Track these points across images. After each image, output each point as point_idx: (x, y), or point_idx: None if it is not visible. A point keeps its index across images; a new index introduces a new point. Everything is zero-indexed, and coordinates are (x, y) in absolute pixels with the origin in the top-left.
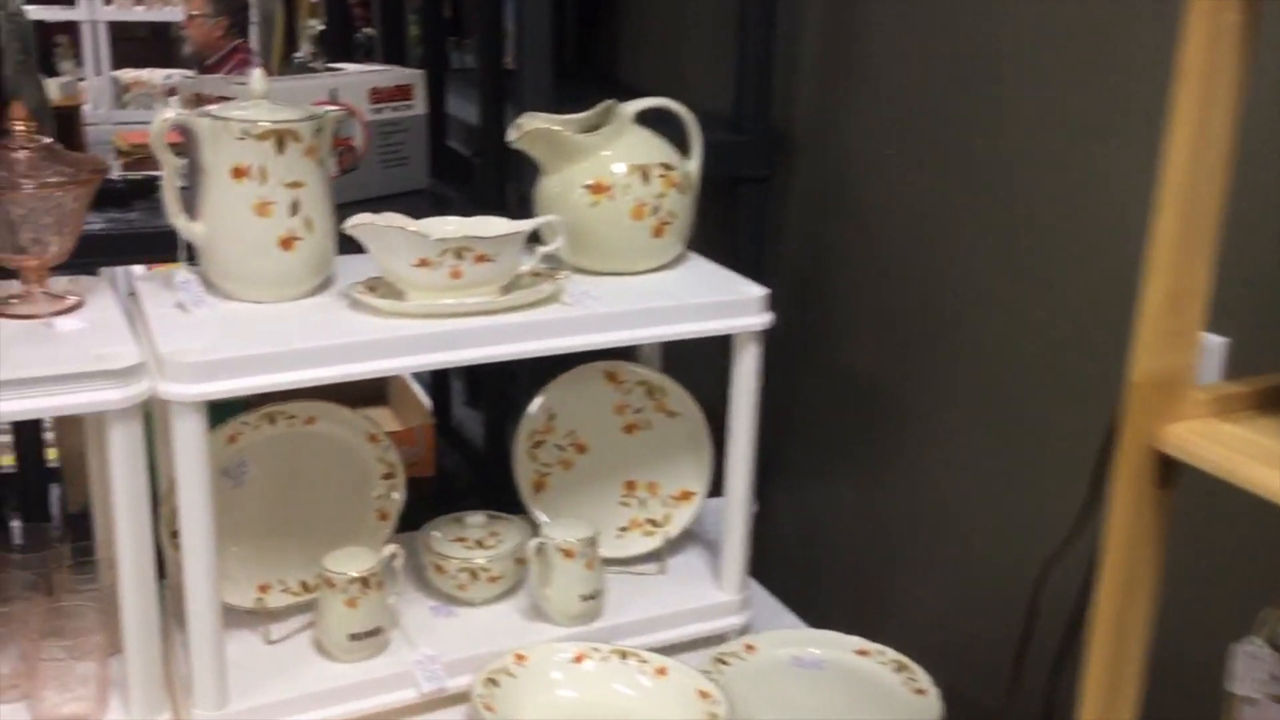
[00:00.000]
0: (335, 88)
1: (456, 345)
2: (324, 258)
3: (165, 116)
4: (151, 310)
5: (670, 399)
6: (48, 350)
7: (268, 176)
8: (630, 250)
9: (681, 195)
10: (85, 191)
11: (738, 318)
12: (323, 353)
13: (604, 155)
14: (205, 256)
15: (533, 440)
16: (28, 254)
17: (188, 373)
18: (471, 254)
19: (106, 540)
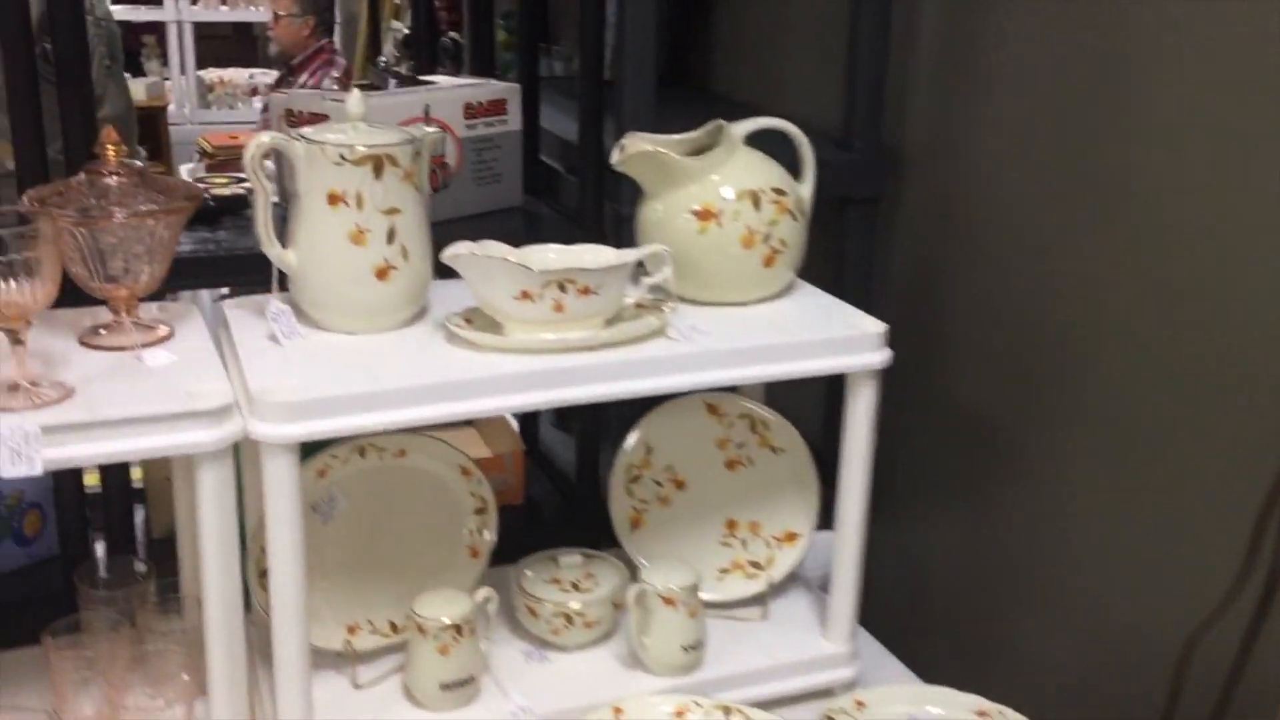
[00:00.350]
0: (429, 104)
1: (559, 384)
2: (420, 287)
3: (260, 140)
4: (243, 342)
5: (775, 434)
6: (137, 387)
7: (364, 203)
8: (739, 280)
9: (794, 222)
10: (178, 219)
11: (854, 355)
12: (420, 392)
13: (712, 179)
14: (297, 285)
15: (629, 475)
16: (118, 283)
17: (280, 412)
18: (575, 286)
19: (192, 577)
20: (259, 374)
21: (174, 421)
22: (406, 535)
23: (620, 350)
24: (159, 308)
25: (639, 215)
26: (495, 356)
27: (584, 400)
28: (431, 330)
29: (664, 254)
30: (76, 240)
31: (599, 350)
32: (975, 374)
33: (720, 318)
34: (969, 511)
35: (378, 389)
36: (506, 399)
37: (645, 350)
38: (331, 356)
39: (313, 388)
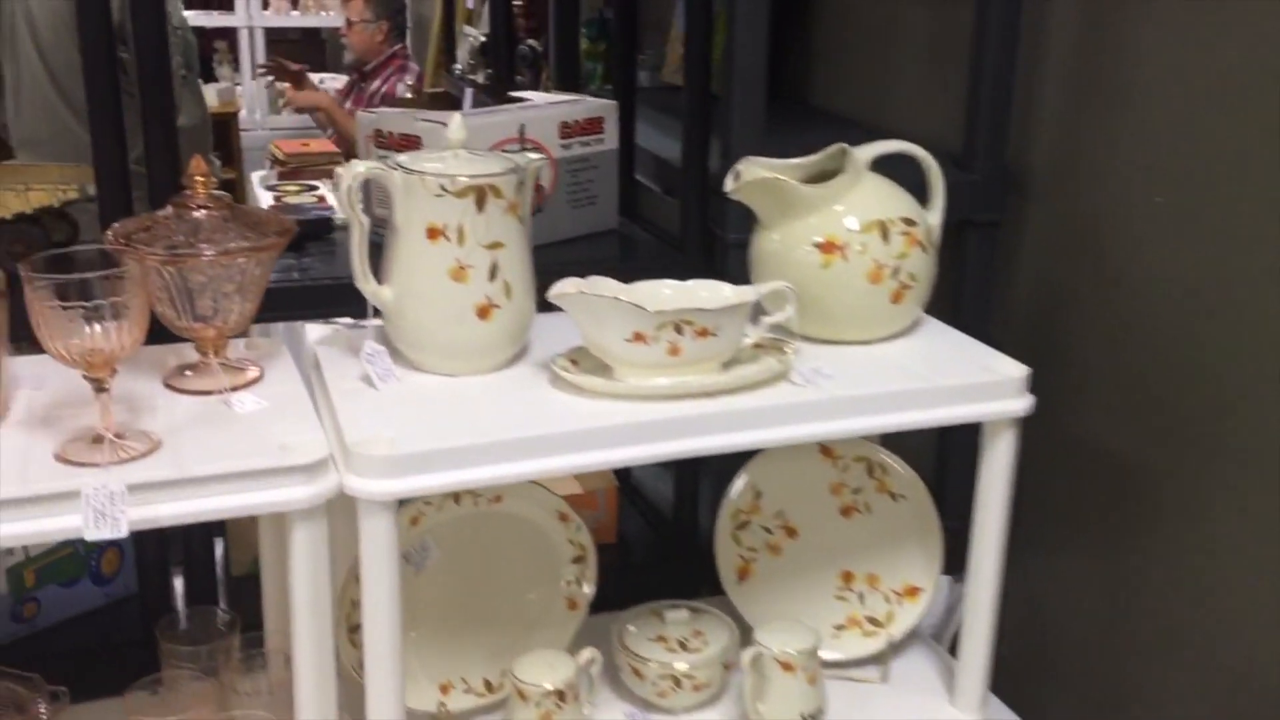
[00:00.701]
0: (524, 123)
1: (675, 434)
2: (523, 326)
3: (355, 169)
4: (335, 384)
5: (894, 479)
6: (226, 437)
7: (465, 237)
8: (864, 318)
9: (924, 255)
10: (270, 256)
11: (993, 401)
12: (527, 445)
13: (836, 209)
14: (393, 324)
15: (736, 521)
16: (206, 323)
17: (378, 468)
18: (693, 328)
19: (277, 628)
20: (354, 422)
21: (266, 477)
22: (501, 586)
23: (740, 397)
24: (246, 344)
25: (754, 246)
26: (605, 404)
27: (702, 453)
28: (534, 371)
29: (787, 292)
30: (164, 279)
31: (717, 397)
32: (1107, 411)
33: (844, 359)
34: (1101, 560)
35: (481, 441)
36: (618, 452)
37: (767, 397)
38: (429, 402)
39: (412, 440)
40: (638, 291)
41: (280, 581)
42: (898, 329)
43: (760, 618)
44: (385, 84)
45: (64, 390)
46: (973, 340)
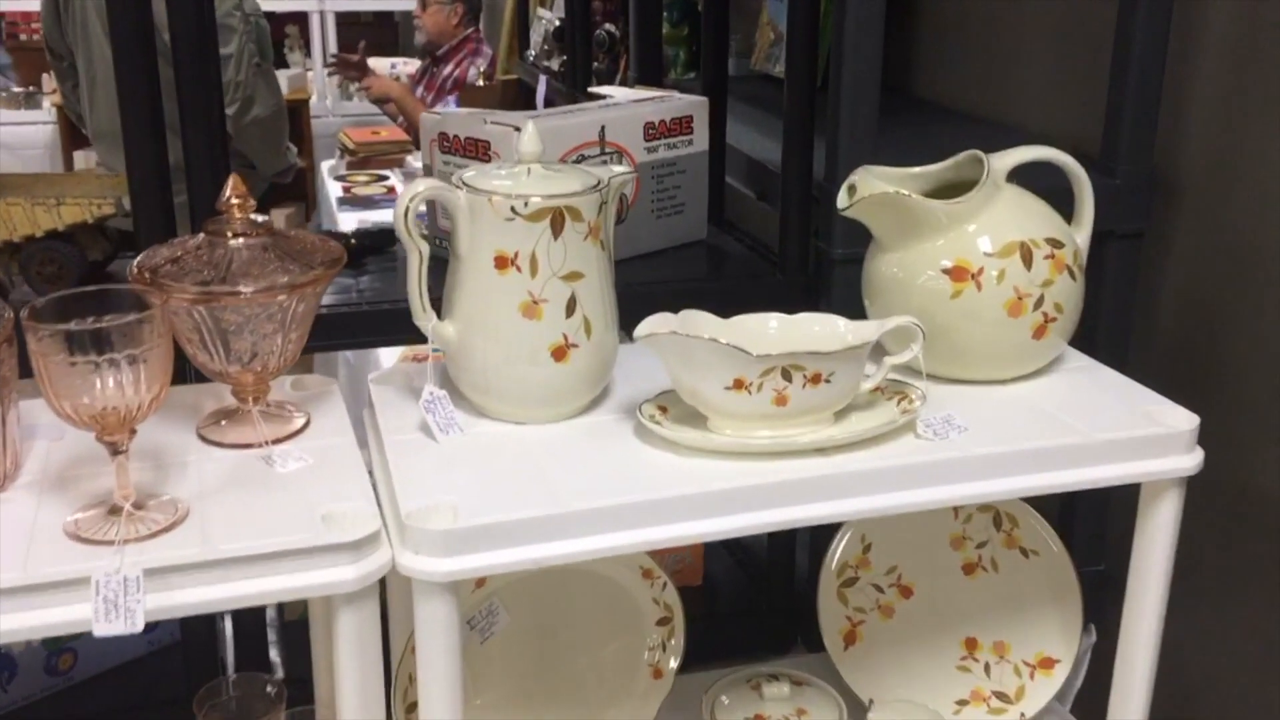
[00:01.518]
0: (604, 124)
1: (782, 500)
2: (604, 367)
3: (415, 189)
4: (391, 437)
5: (1024, 532)
6: (263, 504)
7: (539, 267)
8: (1001, 356)
9: (1071, 282)
10: (316, 291)
11: (1157, 459)
12: (611, 515)
13: (968, 229)
14: (456, 364)
15: (843, 577)
16: (244, 368)
17: (437, 544)
18: (804, 373)
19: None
20: (410, 485)
21: (306, 557)
22: (577, 653)
23: (858, 453)
24: (293, 384)
25: (869, 269)
26: (700, 461)
27: (815, 521)
28: (617, 419)
29: (914, 329)
30: (194, 320)
31: (830, 454)
32: (1270, 452)
33: (977, 404)
34: (1264, 623)
35: (558, 512)
36: (715, 523)
37: (889, 455)
38: (497, 458)
39: (477, 508)
40: (738, 329)
41: (331, 646)
42: (1038, 367)
43: (869, 689)
44: (458, 68)
45: (85, 443)
46: (1127, 380)
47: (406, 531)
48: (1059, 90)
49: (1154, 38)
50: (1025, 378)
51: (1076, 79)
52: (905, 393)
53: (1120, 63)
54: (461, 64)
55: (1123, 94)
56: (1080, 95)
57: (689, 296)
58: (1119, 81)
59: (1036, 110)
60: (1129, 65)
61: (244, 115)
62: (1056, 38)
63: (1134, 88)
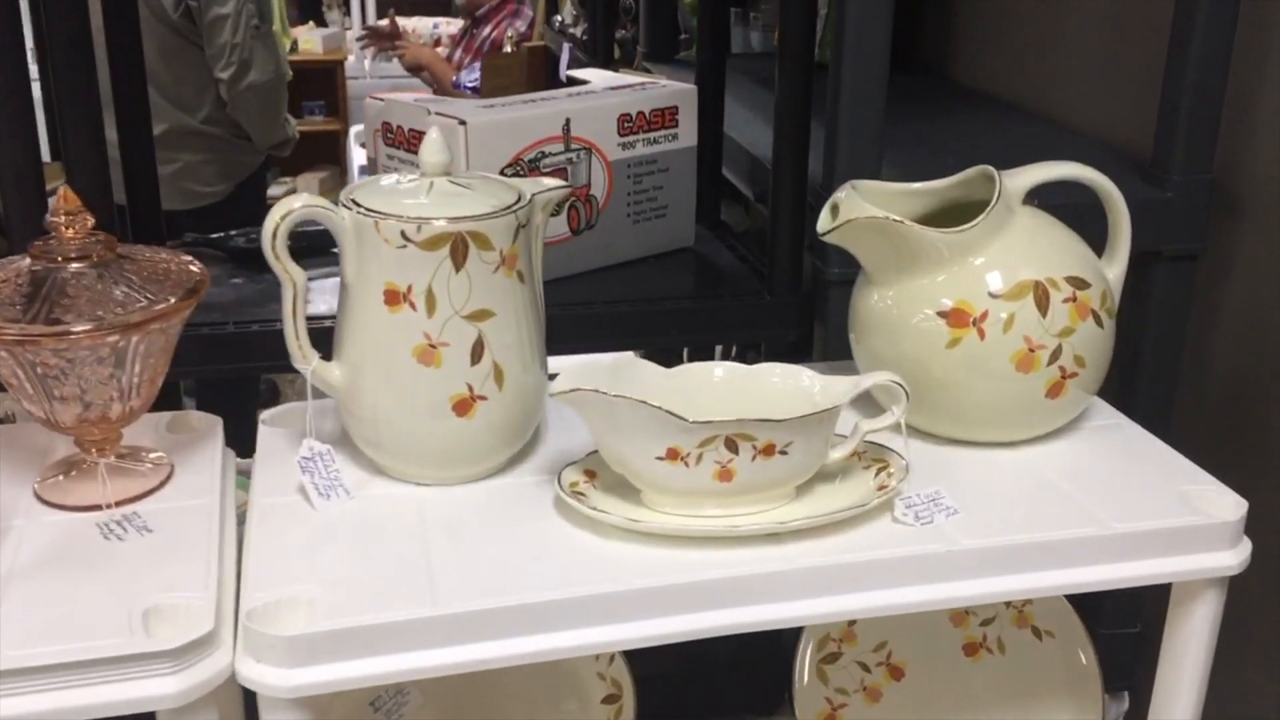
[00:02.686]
0: (570, 116)
1: (723, 600)
2: (521, 420)
3: (288, 207)
4: (261, 499)
5: (1039, 609)
6: (79, 591)
7: (436, 304)
8: (1007, 417)
9: (1098, 330)
10: (167, 327)
11: (1195, 554)
12: (507, 619)
13: (973, 263)
14: (348, 413)
15: (824, 651)
16: (78, 417)
17: (283, 652)
18: (752, 444)
19: None
20: (265, 570)
21: (116, 666)
22: None
23: (819, 541)
24: (170, 424)
25: (856, 300)
26: (627, 547)
27: (762, 627)
28: (539, 481)
29: (897, 390)
30: (13, 361)
31: (785, 542)
32: None
33: (975, 474)
34: None
35: (435, 614)
36: (637, 627)
37: (859, 545)
38: (383, 532)
39: (343, 604)
40: (682, 380)
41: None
42: (1052, 427)
43: None
44: (496, 29)
45: None
46: (1162, 448)
47: (246, 633)
48: (1110, 82)
49: (1218, 30)
50: (1038, 440)
51: (1131, 70)
52: (886, 461)
53: (1177, 56)
54: (500, 25)
55: (1178, 92)
56: (1134, 89)
57: (661, 319)
58: (1175, 77)
59: (1085, 102)
60: (1187, 60)
61: (239, 81)
62: (1110, 23)
63: (1192, 86)
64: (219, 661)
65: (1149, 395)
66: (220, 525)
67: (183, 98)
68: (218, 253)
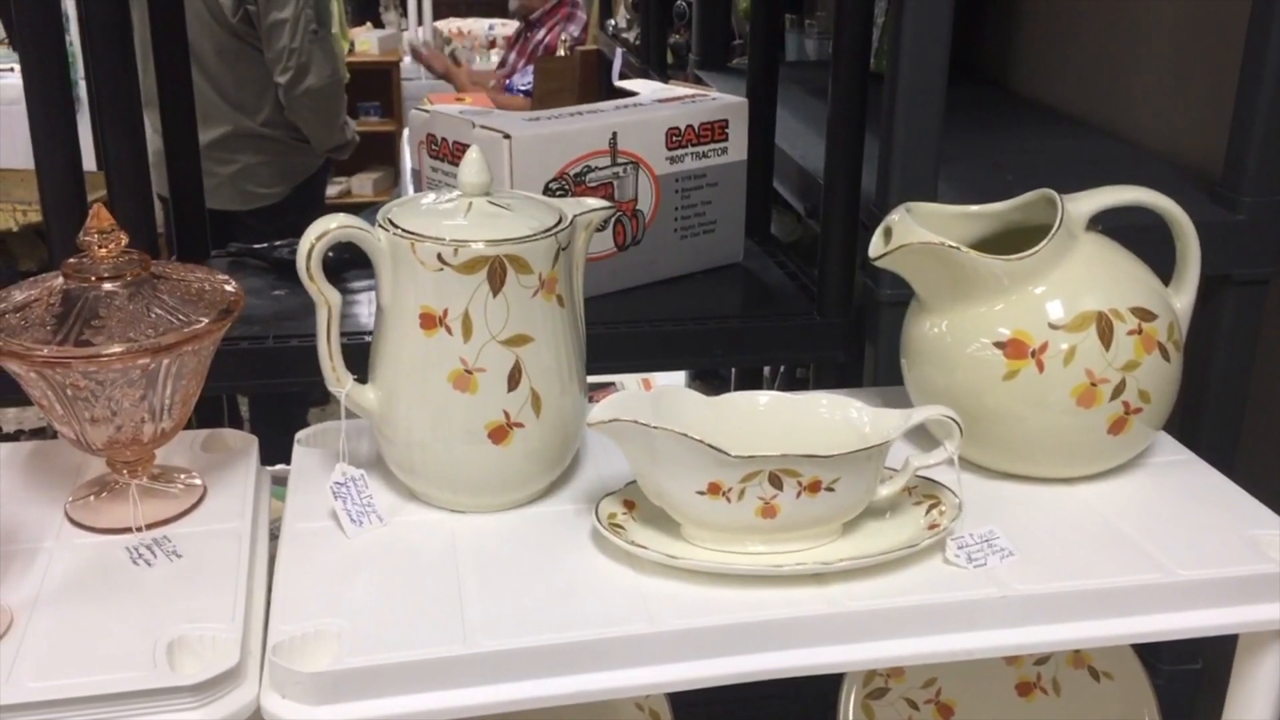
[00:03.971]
0: (616, 130)
1: (762, 644)
2: (560, 448)
3: (324, 230)
4: (294, 525)
5: (1096, 651)
6: (105, 619)
7: (473, 329)
8: (1067, 453)
9: (1165, 364)
10: (201, 349)
11: (1260, 604)
12: (538, 659)
13: (1033, 292)
14: (382, 436)
15: (870, 686)
16: (110, 439)
17: (309, 689)
18: (797, 480)
19: None
20: (294, 601)
21: (136, 701)
22: None
23: (865, 583)
24: (205, 443)
25: (909, 326)
26: (664, 584)
27: (804, 672)
28: (577, 510)
29: (950, 425)
30: (44, 382)
31: (830, 583)
32: None
33: (1032, 513)
34: None
35: (465, 654)
36: (673, 670)
37: (908, 588)
38: (415, 563)
39: (368, 641)
40: (725, 409)
41: None
42: (1114, 464)
43: None
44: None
45: None
46: (1230, 487)
47: (272, 668)
48: (1179, 96)
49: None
50: (1098, 476)
51: (1201, 84)
52: (937, 498)
53: (1251, 72)
54: (554, 29)
55: (1252, 108)
56: (1204, 104)
57: (708, 338)
58: (1248, 92)
59: (1152, 118)
60: (1262, 74)
61: (296, 85)
62: (1181, 34)
63: (1266, 102)
64: (244, 696)
65: (1214, 428)
66: (251, 550)
67: (243, 100)
68: (260, 263)
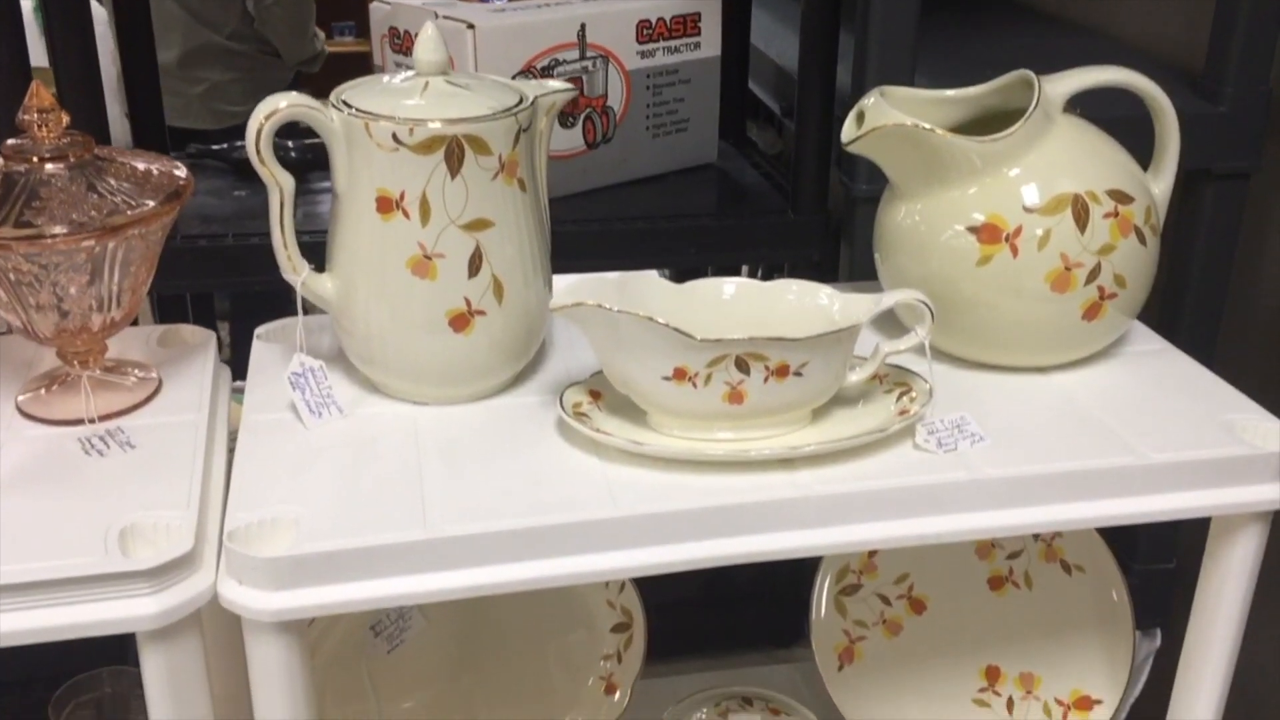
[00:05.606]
0: (585, 22)
1: (729, 528)
2: (524, 338)
3: (273, 109)
4: (252, 416)
5: (1070, 543)
6: (57, 507)
7: (431, 212)
8: (1040, 340)
9: (1140, 247)
10: (149, 233)
11: (1237, 486)
12: (499, 545)
13: (1008, 174)
14: (341, 327)
15: (843, 582)
16: (56, 326)
17: (265, 574)
18: (765, 364)
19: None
20: (250, 489)
21: (90, 586)
22: (511, 666)
23: (833, 469)
24: (161, 336)
25: (882, 216)
26: (630, 471)
27: (771, 557)
28: (543, 401)
29: (922, 309)
30: None
31: (798, 468)
32: None
33: (1004, 400)
34: None
35: (425, 538)
36: (638, 555)
37: (875, 473)
38: (376, 453)
39: (326, 528)
40: (692, 297)
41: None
42: (1088, 352)
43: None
44: None
45: None
46: (1205, 374)
47: (228, 555)
48: None
49: None
50: (1072, 364)
51: None
52: (908, 385)
53: None
54: None
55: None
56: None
57: (679, 237)
58: None
59: (1133, 12)
60: None
61: None
62: None
63: None
64: (200, 583)
65: (1193, 321)
66: (207, 442)
67: (208, 13)
68: (220, 164)
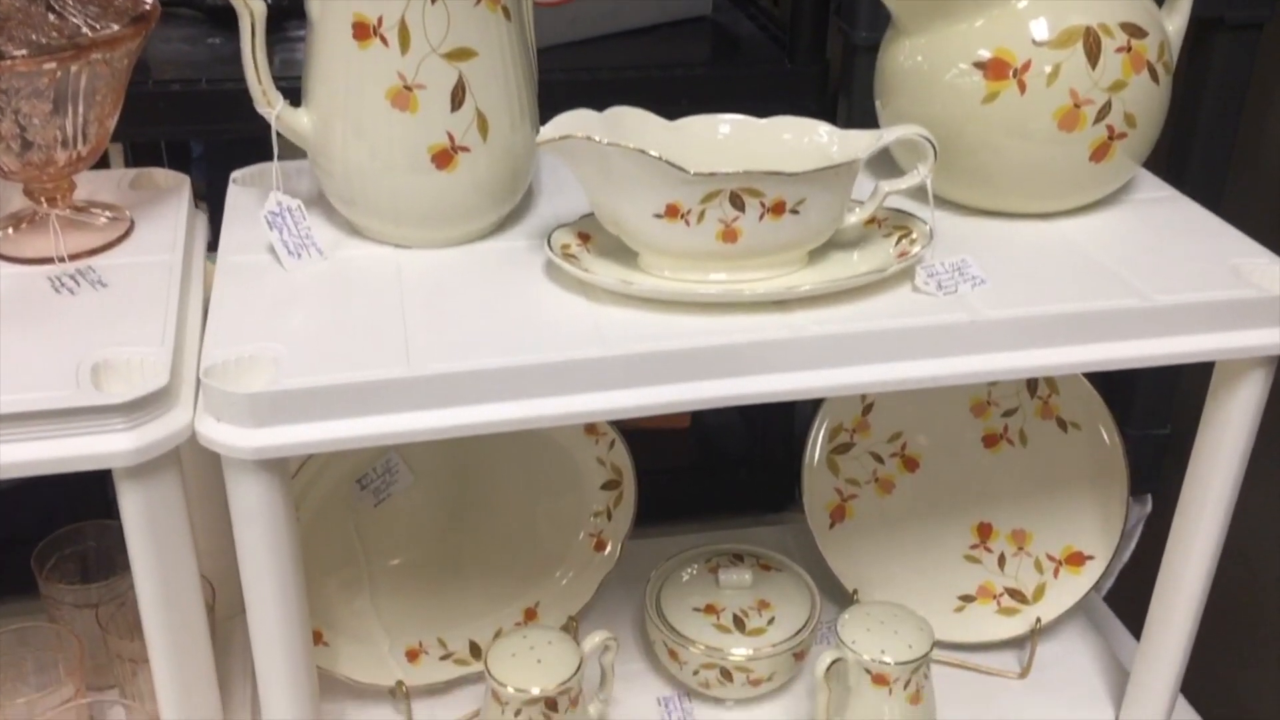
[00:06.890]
0: None
1: (721, 369)
2: (509, 178)
3: None
4: (229, 258)
5: (1066, 400)
6: (29, 343)
7: (410, 40)
8: (1047, 182)
9: (1153, 85)
10: (115, 58)
11: (1241, 330)
12: (483, 383)
13: (1016, 7)
14: (319, 167)
15: (836, 440)
16: (19, 159)
17: (244, 411)
18: (760, 200)
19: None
20: (228, 327)
21: (63, 420)
22: (500, 520)
23: (828, 310)
24: (133, 179)
25: (884, 58)
26: (620, 312)
27: (763, 399)
28: (530, 245)
29: (924, 145)
30: None
31: (793, 309)
32: None
33: (1006, 246)
34: None
35: (407, 376)
36: (625, 396)
37: (872, 314)
38: (356, 293)
39: (306, 365)
40: (685, 133)
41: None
42: (1096, 197)
43: (856, 577)
44: None
45: None
46: (1212, 219)
47: (206, 391)
48: None
49: None
50: (1078, 211)
51: None
52: (908, 228)
53: None
54: None
55: None
56: None
57: (671, 87)
58: None
59: None
60: None
61: None
62: None
63: None
64: (177, 420)
65: (1201, 171)
66: (183, 282)
67: None
68: (194, 12)
